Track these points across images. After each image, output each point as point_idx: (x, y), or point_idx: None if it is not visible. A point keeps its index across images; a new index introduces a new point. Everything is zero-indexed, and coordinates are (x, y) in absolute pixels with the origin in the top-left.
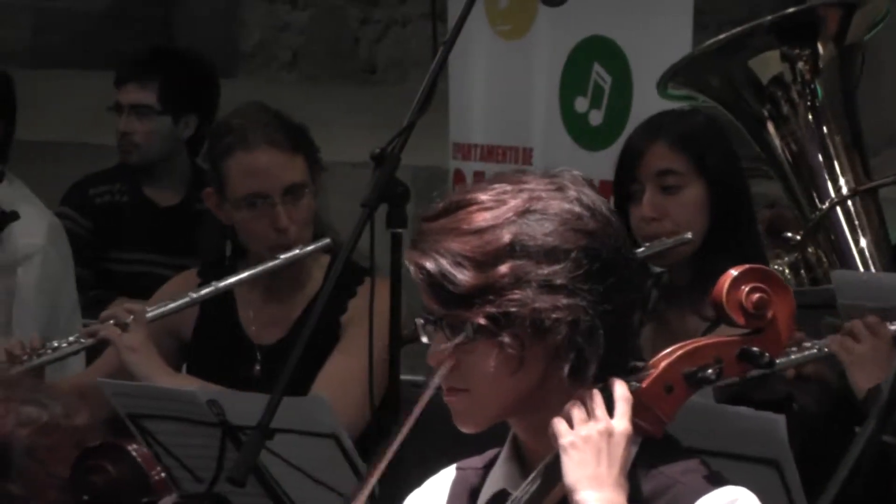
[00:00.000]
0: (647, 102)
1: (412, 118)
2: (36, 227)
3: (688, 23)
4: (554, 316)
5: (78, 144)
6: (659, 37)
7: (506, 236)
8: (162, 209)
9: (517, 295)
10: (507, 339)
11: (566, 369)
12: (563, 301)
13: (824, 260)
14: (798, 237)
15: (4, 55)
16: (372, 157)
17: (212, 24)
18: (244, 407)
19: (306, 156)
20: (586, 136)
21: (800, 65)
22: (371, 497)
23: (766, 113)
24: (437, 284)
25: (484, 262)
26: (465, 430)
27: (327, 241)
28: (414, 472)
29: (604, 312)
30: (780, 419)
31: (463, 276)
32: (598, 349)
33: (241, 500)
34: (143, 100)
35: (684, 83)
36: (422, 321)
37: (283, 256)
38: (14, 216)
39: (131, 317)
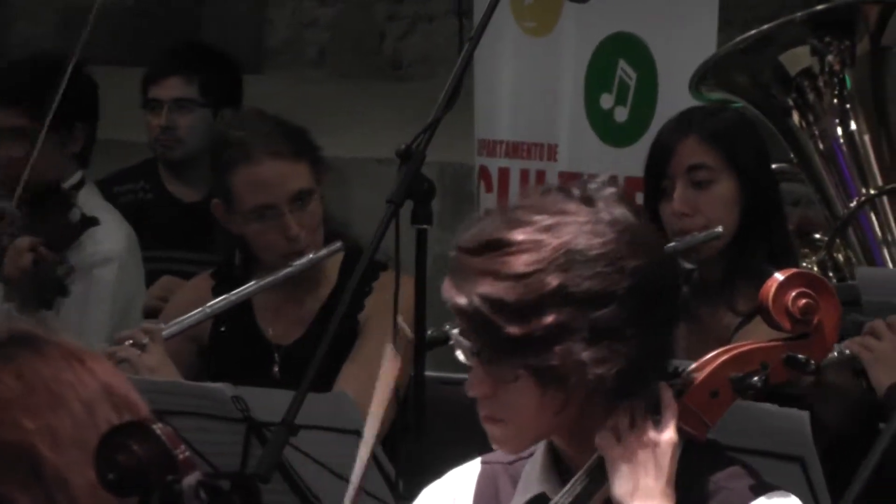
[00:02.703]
0: (672, 99)
1: (438, 114)
2: (115, 234)
3: (713, 19)
4: (598, 372)
5: (104, 141)
6: (684, 33)
7: (550, 282)
8: (186, 205)
9: (561, 347)
10: (549, 391)
11: (607, 397)
12: (610, 346)
13: (853, 260)
14: (826, 238)
15: (29, 52)
16: (397, 154)
17: (239, 20)
18: (269, 403)
19: (309, 160)
20: (611, 133)
21: (829, 57)
22: (395, 490)
23: (791, 102)
24: (478, 328)
25: (528, 311)
26: (503, 452)
27: (339, 244)
28: (439, 470)
29: (650, 343)
30: (805, 416)
31: (507, 326)
32: (647, 381)
33: (265, 497)
34: (186, 93)
35: (715, 84)
36: (458, 335)
37: (295, 264)
38: (94, 221)
39: (147, 338)
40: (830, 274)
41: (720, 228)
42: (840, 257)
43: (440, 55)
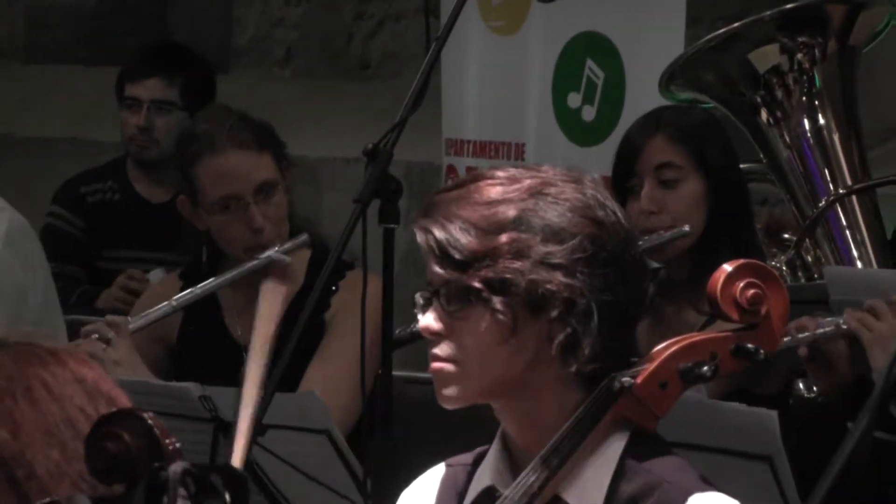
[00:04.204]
0: (639, 98)
1: (405, 114)
2: None
3: (680, 18)
4: (549, 288)
5: (71, 140)
6: (652, 32)
7: (513, 210)
8: (154, 206)
9: (515, 264)
10: (499, 306)
11: (556, 346)
12: (560, 279)
13: (822, 260)
14: (795, 237)
15: None
16: (365, 153)
17: (206, 19)
18: (237, 403)
19: (274, 153)
20: (579, 132)
21: (799, 55)
22: (363, 489)
23: (759, 99)
24: (441, 249)
25: (488, 230)
26: (447, 405)
27: (304, 237)
28: (406, 470)
29: (602, 301)
30: (773, 415)
31: (466, 241)
32: (592, 334)
33: None
34: (167, 95)
35: (683, 83)
36: (421, 300)
37: (261, 256)
38: None
39: (112, 331)
40: (799, 273)
41: (687, 227)
42: (809, 257)
43: (408, 55)
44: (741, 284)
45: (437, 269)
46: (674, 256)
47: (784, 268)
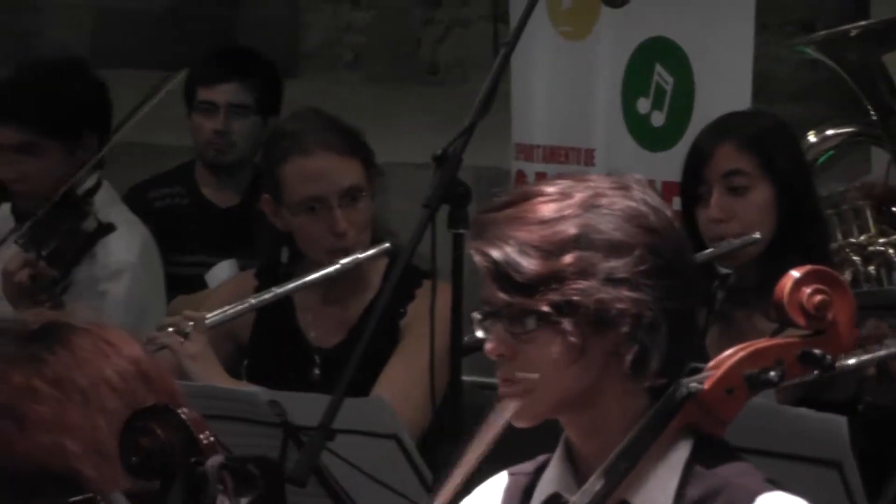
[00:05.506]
0: (708, 103)
1: (474, 119)
2: (128, 243)
3: (749, 23)
4: (618, 307)
5: (139, 144)
6: (721, 38)
7: (572, 228)
8: (222, 210)
9: (581, 285)
10: (568, 327)
11: (627, 363)
12: (626, 294)
13: None
14: None
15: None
16: (433, 158)
17: (274, 24)
18: (305, 408)
19: (363, 159)
20: (648, 137)
21: None
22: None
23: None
24: (502, 273)
25: (550, 251)
26: (518, 424)
27: (387, 245)
28: (476, 475)
29: (667, 310)
30: (843, 421)
31: (528, 264)
32: (661, 345)
33: (302, 501)
34: (242, 99)
35: (822, 51)
36: (479, 316)
37: (342, 262)
38: (110, 228)
39: (191, 324)
40: None
41: (758, 234)
42: None
43: (476, 60)
44: (808, 290)
45: (499, 291)
46: (743, 263)
47: (891, 250)
